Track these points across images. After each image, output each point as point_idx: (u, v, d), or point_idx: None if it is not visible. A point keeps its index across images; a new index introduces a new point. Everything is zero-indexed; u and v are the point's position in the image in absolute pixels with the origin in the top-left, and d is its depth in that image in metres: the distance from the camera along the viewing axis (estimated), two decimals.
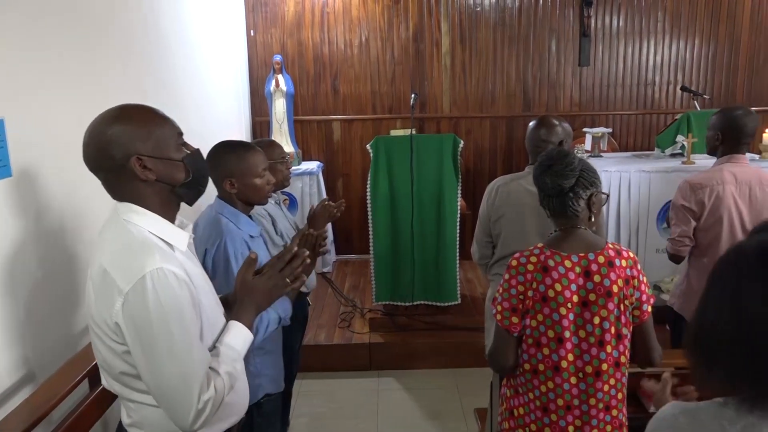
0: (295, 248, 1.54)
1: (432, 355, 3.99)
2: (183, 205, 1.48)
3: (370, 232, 4.15)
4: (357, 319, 4.38)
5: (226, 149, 2.09)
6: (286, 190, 5.08)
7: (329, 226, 5.41)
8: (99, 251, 1.35)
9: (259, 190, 2.11)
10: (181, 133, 1.42)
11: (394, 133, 4.78)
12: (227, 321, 1.48)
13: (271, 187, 2.16)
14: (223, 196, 2.10)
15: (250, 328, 1.48)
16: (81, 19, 2.45)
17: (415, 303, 4.23)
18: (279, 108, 5.36)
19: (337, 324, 4.30)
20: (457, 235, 4.10)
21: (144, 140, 1.33)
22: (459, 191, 4.06)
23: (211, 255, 1.96)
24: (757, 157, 4.46)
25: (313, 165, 5.45)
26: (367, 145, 4.10)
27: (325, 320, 4.39)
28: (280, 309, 1.91)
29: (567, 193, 1.78)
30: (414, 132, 4.12)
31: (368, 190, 4.09)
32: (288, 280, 1.51)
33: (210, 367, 1.34)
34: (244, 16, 5.56)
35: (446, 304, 4.22)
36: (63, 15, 2.30)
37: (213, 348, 1.41)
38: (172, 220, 1.42)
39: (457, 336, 4.04)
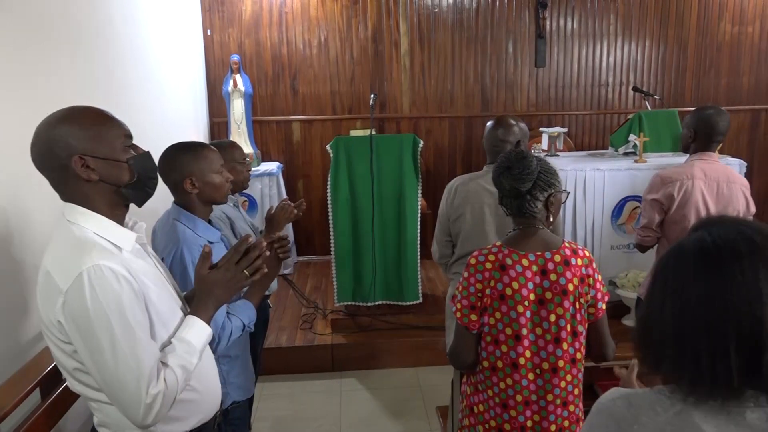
0: (252, 239, 1.52)
1: (394, 354, 4.00)
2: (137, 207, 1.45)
3: (331, 233, 4.13)
4: (319, 320, 4.36)
5: (181, 150, 2.04)
6: (245, 191, 5.06)
7: (290, 228, 5.41)
8: (45, 254, 1.36)
9: (220, 188, 2.07)
10: (129, 135, 1.43)
11: (354, 133, 4.78)
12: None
13: (230, 185, 2.12)
14: (180, 201, 2.04)
15: (208, 322, 1.47)
16: (28, 16, 2.37)
17: (376, 303, 4.23)
18: (237, 108, 5.29)
19: (298, 326, 4.28)
20: (418, 234, 4.13)
21: (88, 140, 1.34)
22: (419, 191, 4.09)
23: (168, 264, 1.90)
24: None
25: (272, 166, 5.40)
26: (327, 146, 4.08)
27: (287, 322, 4.35)
28: (244, 316, 1.87)
29: (524, 195, 1.81)
30: (374, 132, 4.12)
31: (329, 190, 4.08)
32: (246, 272, 1.50)
33: (161, 362, 1.34)
34: (200, 15, 5.47)
35: (408, 303, 4.24)
36: (12, 11, 2.22)
37: (168, 343, 1.41)
38: (120, 221, 1.42)
39: (419, 335, 4.06)
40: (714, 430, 0.96)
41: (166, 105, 4.25)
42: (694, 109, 2.86)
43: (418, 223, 4.12)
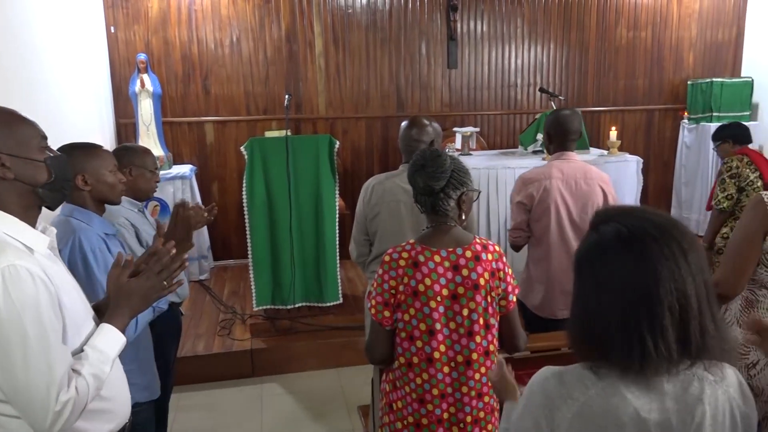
0: (174, 250, 1.51)
1: (315, 356, 3.98)
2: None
3: (248, 236, 4.05)
4: (237, 325, 4.26)
5: (73, 148, 2.00)
6: (157, 195, 4.86)
7: (205, 232, 5.26)
8: None
9: (113, 187, 2.04)
10: (44, 136, 1.42)
11: (269, 134, 4.70)
12: (99, 324, 1.44)
13: (123, 186, 2.07)
14: (72, 199, 1.97)
15: (123, 331, 1.44)
16: None
17: (296, 305, 4.19)
18: (145, 109, 5.08)
19: (216, 332, 4.17)
20: (337, 234, 4.13)
21: (3, 138, 1.33)
22: (337, 191, 4.09)
23: (66, 255, 1.84)
24: (605, 152, 4.90)
25: (185, 169, 5.23)
26: (242, 147, 4.00)
27: (204, 329, 4.23)
28: None
29: (438, 193, 1.85)
30: (289, 133, 4.08)
31: (244, 193, 4.00)
32: (165, 282, 1.49)
33: (72, 369, 1.31)
34: (102, 11, 5.21)
35: (328, 304, 4.23)
36: None
37: (80, 350, 1.38)
38: (32, 223, 1.39)
39: (340, 335, 4.06)
40: (637, 399, 1.06)
41: (65, 106, 4.01)
42: (550, 111, 3.02)
43: (337, 224, 4.12)
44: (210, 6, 5.38)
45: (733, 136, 3.87)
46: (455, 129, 5.14)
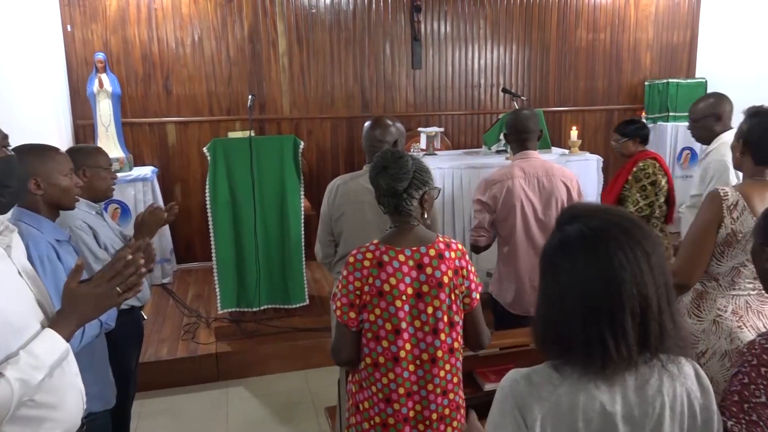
0: (129, 256, 1.45)
1: (282, 358, 3.95)
2: None
3: (212, 238, 4.00)
4: (202, 329, 4.20)
5: (26, 150, 1.91)
6: (118, 198, 4.77)
7: (167, 234, 5.17)
8: None
9: (67, 191, 1.98)
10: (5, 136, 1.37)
11: (232, 135, 4.66)
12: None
13: (78, 190, 2.01)
14: (24, 204, 1.91)
15: (68, 338, 1.39)
16: None
17: (262, 308, 4.15)
18: (104, 110, 4.96)
19: (180, 336, 4.10)
20: (302, 235, 4.10)
21: None
22: (301, 192, 4.06)
23: None
24: (567, 152, 4.99)
25: (146, 170, 5.13)
26: (204, 148, 3.95)
27: (167, 334, 4.16)
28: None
29: (401, 194, 1.86)
30: (253, 134, 4.04)
31: (207, 194, 3.94)
32: (119, 289, 1.43)
33: None
34: (58, 9, 5.07)
35: (294, 306, 4.20)
36: None
37: (16, 354, 1.32)
38: None
39: (307, 337, 4.04)
40: (603, 394, 1.10)
41: (19, 107, 3.88)
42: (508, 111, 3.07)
43: (302, 225, 4.10)
44: (170, 5, 5.29)
45: (641, 136, 3.62)
46: (420, 129, 5.16)
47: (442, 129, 5.46)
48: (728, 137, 2.78)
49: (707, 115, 3.16)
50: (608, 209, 1.17)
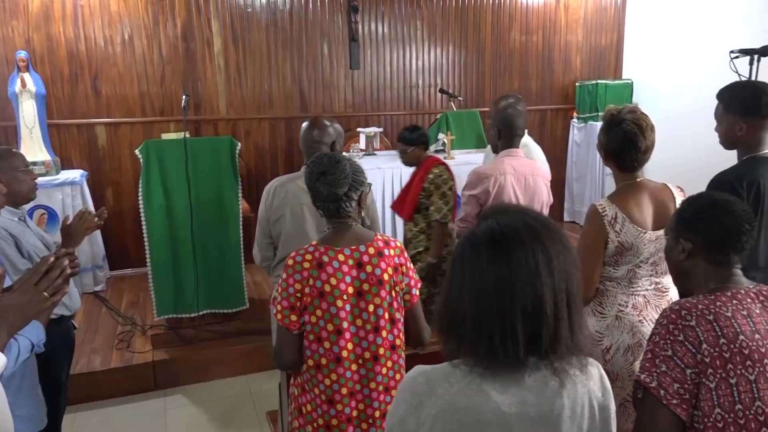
0: (52, 258, 1.38)
1: (222, 364, 3.87)
2: None
3: (146, 243, 3.87)
4: (137, 337, 4.06)
5: None
6: (44, 203, 4.55)
7: (98, 240, 4.97)
8: None
9: None
10: None
11: (166, 136, 4.53)
12: None
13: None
14: None
15: (1, 350, 1.32)
16: None
17: (201, 313, 4.05)
18: (28, 111, 4.72)
19: (114, 346, 3.95)
20: (241, 238, 4.03)
21: None
22: (239, 193, 3.99)
23: None
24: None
25: (75, 174, 4.91)
26: (136, 150, 3.81)
27: (100, 343, 3.99)
28: (32, 334, 1.69)
29: (341, 198, 1.86)
30: (189, 135, 3.94)
31: (140, 198, 3.81)
32: (46, 294, 1.36)
33: None
34: None
35: (234, 310, 4.12)
36: None
37: None
38: None
39: (248, 341, 3.97)
40: (499, 394, 1.09)
41: None
42: (492, 103, 3.11)
43: (240, 227, 4.02)
44: (98, 2, 5.09)
45: (425, 142, 3.52)
46: (359, 129, 5.17)
47: (381, 129, 5.49)
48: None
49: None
50: (528, 211, 1.18)
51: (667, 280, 2.16)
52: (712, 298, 1.48)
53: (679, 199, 2.15)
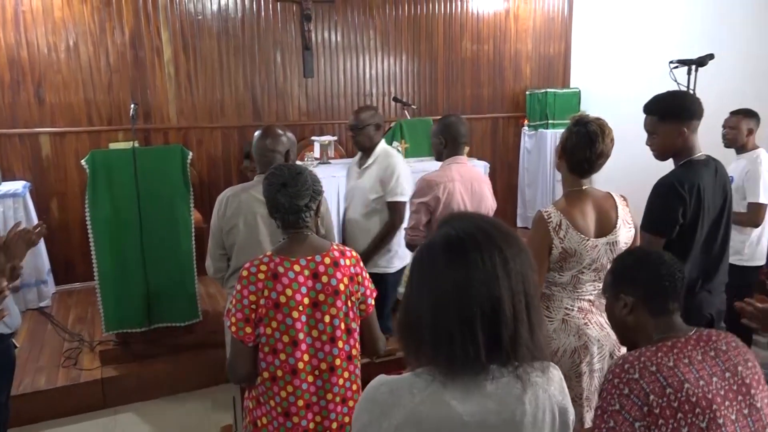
0: None
1: (175, 379, 3.76)
2: None
3: (93, 256, 3.74)
4: (85, 354, 3.92)
5: None
6: None
7: (43, 253, 4.78)
8: None
9: None
10: None
11: (114, 146, 4.41)
12: None
13: None
14: None
15: None
16: None
17: (152, 327, 3.93)
18: None
19: (60, 364, 3.79)
20: (194, 249, 3.93)
21: None
22: (191, 203, 3.90)
23: None
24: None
25: (17, 185, 4.72)
26: (82, 161, 3.69)
27: (45, 362, 3.84)
28: None
29: (302, 209, 1.85)
30: (138, 144, 3.84)
31: (87, 210, 3.69)
32: None
33: None
34: None
35: (187, 323, 4.02)
36: None
37: None
38: None
39: (203, 354, 3.87)
40: (460, 403, 1.08)
41: None
42: (438, 118, 3.18)
43: (193, 238, 3.93)
44: (41, 7, 4.92)
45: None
46: (313, 138, 5.14)
47: (335, 137, 5.48)
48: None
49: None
50: (482, 217, 1.20)
51: None
52: (653, 349, 1.52)
53: (621, 207, 2.23)
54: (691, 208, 2.32)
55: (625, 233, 2.22)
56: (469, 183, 2.99)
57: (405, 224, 3.32)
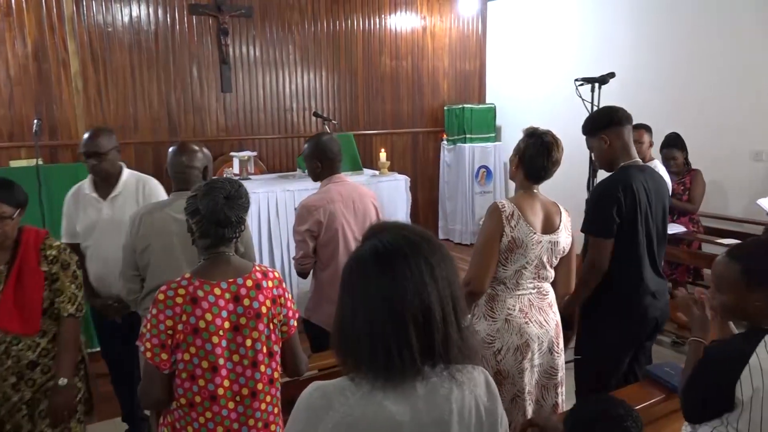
0: None
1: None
2: None
3: None
4: None
5: None
6: None
7: None
8: None
9: None
10: None
11: (15, 164, 4.14)
12: None
13: None
14: None
15: None
16: None
17: None
18: None
19: None
20: None
21: None
22: None
23: None
24: (377, 172, 5.23)
25: None
26: None
27: None
28: None
29: (242, 222, 1.81)
30: (42, 162, 3.63)
31: None
32: None
33: None
34: None
35: (98, 349, 3.81)
36: None
37: None
38: None
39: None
40: (393, 404, 1.12)
41: None
42: (310, 139, 3.07)
43: None
44: None
45: None
46: (232, 153, 5.05)
47: (255, 153, 5.41)
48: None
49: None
50: (406, 227, 1.23)
51: (547, 286, 2.42)
52: None
53: (565, 215, 2.44)
54: (626, 207, 2.52)
55: (565, 237, 2.41)
56: (351, 202, 2.94)
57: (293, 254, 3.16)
